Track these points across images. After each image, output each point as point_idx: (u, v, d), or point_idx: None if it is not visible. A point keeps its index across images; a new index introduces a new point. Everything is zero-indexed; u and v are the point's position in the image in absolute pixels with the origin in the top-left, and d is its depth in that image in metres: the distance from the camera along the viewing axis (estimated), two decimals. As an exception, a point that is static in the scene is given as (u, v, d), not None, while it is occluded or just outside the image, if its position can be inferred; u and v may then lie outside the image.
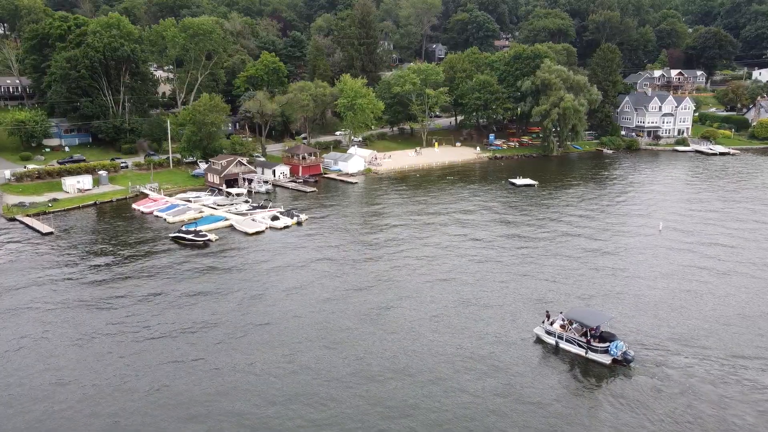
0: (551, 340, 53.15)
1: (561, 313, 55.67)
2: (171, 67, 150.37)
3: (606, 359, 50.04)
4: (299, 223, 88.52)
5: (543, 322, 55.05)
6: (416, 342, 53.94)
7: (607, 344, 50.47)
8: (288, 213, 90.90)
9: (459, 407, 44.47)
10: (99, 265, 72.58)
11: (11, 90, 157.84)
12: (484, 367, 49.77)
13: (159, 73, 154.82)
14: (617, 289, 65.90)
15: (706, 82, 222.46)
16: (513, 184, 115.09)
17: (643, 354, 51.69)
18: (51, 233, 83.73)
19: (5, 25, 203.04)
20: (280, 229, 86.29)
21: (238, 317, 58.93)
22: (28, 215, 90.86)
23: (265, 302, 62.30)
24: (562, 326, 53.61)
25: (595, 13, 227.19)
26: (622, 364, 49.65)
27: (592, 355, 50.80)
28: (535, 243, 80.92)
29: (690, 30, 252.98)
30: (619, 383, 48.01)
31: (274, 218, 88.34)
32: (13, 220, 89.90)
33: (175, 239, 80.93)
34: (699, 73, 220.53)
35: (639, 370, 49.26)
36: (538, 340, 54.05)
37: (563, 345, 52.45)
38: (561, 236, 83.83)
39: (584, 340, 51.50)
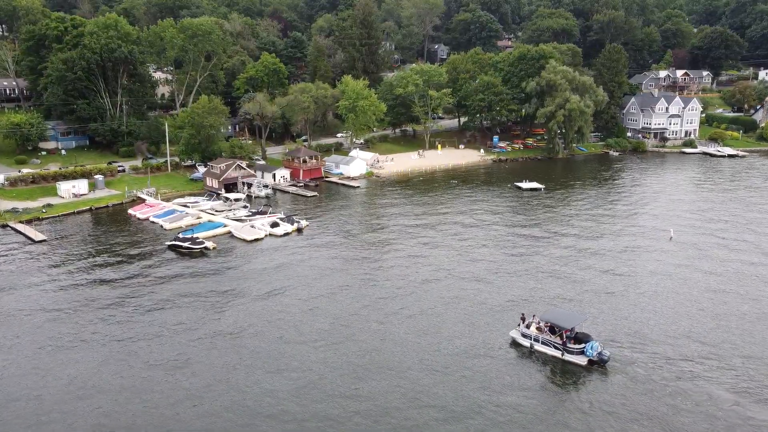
0: (527, 343, 53.16)
1: (534, 315, 55.60)
2: (170, 68, 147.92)
3: (582, 360, 50.31)
4: (300, 230, 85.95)
5: (519, 324, 54.97)
6: (398, 344, 53.72)
7: (582, 345, 50.67)
8: (288, 219, 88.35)
9: (434, 409, 44.36)
10: (91, 276, 70.12)
11: (8, 92, 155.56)
12: (461, 370, 49.61)
13: (157, 75, 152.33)
14: (630, 297, 63.33)
15: (712, 83, 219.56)
16: (519, 188, 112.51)
17: (661, 364, 49.72)
18: (44, 241, 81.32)
19: (3, 26, 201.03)
20: (280, 236, 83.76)
21: (236, 329, 56.48)
22: (20, 221, 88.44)
23: (264, 315, 59.84)
24: (539, 328, 53.52)
25: (599, 13, 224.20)
26: (597, 364, 49.85)
27: (568, 357, 51.01)
28: (543, 249, 78.27)
29: (695, 30, 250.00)
30: (595, 384, 48.10)
31: (274, 225, 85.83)
32: (5, 226, 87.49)
33: (172, 247, 78.46)
34: (705, 73, 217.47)
35: (615, 370, 49.38)
36: (514, 343, 53.90)
37: (539, 347, 52.51)
38: (569, 242, 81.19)
39: (560, 342, 51.51)
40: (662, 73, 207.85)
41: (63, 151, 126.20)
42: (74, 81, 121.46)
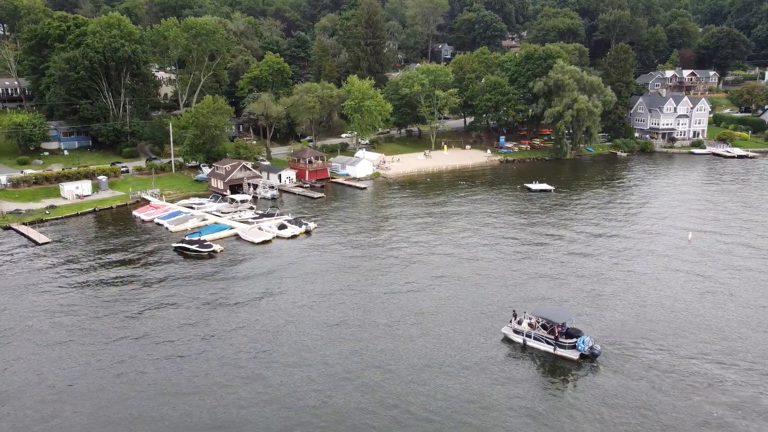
0: (519, 339, 53.72)
1: (525, 312, 56.22)
2: (173, 68, 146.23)
3: (574, 354, 51.06)
4: (308, 232, 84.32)
5: (510, 321, 55.41)
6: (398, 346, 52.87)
7: (574, 340, 51.49)
8: (296, 221, 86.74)
9: (428, 408, 44.63)
10: (97, 280, 68.51)
11: (9, 92, 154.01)
12: (455, 366, 50.23)
13: (160, 75, 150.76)
14: (650, 305, 61.72)
15: (719, 83, 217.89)
16: (528, 189, 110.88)
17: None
18: (47, 243, 79.67)
19: (4, 25, 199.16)
20: (288, 238, 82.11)
21: (249, 337, 54.91)
22: (23, 224, 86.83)
23: (277, 322, 58.25)
24: (530, 324, 54.23)
25: (604, 13, 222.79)
26: (589, 358, 50.57)
27: (560, 351, 51.67)
28: (556, 252, 76.61)
29: (700, 29, 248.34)
30: (587, 377, 49.02)
31: (282, 227, 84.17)
32: (8, 228, 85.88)
33: (178, 249, 76.78)
34: (711, 73, 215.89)
35: (606, 364, 50.15)
36: (506, 339, 54.42)
37: (532, 343, 53.07)
38: (583, 246, 79.57)
39: (552, 337, 52.20)
40: (668, 73, 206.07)
41: (65, 152, 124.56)
42: (77, 81, 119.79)
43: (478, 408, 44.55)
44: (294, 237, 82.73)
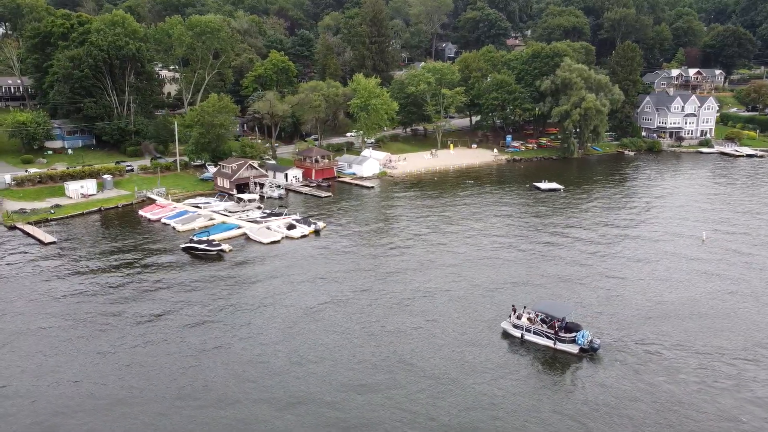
0: (518, 333, 53.74)
1: (525, 307, 56.23)
2: (177, 66, 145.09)
3: (574, 348, 51.19)
4: (317, 232, 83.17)
5: (510, 316, 55.50)
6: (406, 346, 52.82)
7: (573, 334, 51.61)
8: (305, 221, 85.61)
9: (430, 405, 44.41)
10: (106, 281, 67.29)
11: (12, 90, 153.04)
12: (457, 361, 50.12)
13: (164, 73, 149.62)
14: (668, 304, 60.63)
15: (725, 82, 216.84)
16: (537, 188, 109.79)
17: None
18: (53, 243, 78.55)
19: (7, 24, 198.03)
20: (297, 238, 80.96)
21: (266, 342, 53.84)
22: (29, 223, 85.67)
23: (292, 326, 57.17)
24: (530, 319, 54.22)
25: (610, 11, 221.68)
26: (588, 352, 50.74)
27: (560, 346, 51.81)
28: (566, 250, 75.51)
29: (705, 28, 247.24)
30: (586, 371, 49.18)
31: (290, 227, 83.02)
32: (14, 228, 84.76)
33: (187, 250, 75.64)
34: (717, 72, 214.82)
35: (606, 358, 50.36)
36: (506, 334, 54.42)
37: (531, 338, 53.13)
38: (594, 245, 78.44)
39: (552, 332, 52.31)
40: (674, 72, 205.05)
41: (69, 151, 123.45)
42: (81, 79, 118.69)
43: (478, 404, 44.11)
44: (303, 237, 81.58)
